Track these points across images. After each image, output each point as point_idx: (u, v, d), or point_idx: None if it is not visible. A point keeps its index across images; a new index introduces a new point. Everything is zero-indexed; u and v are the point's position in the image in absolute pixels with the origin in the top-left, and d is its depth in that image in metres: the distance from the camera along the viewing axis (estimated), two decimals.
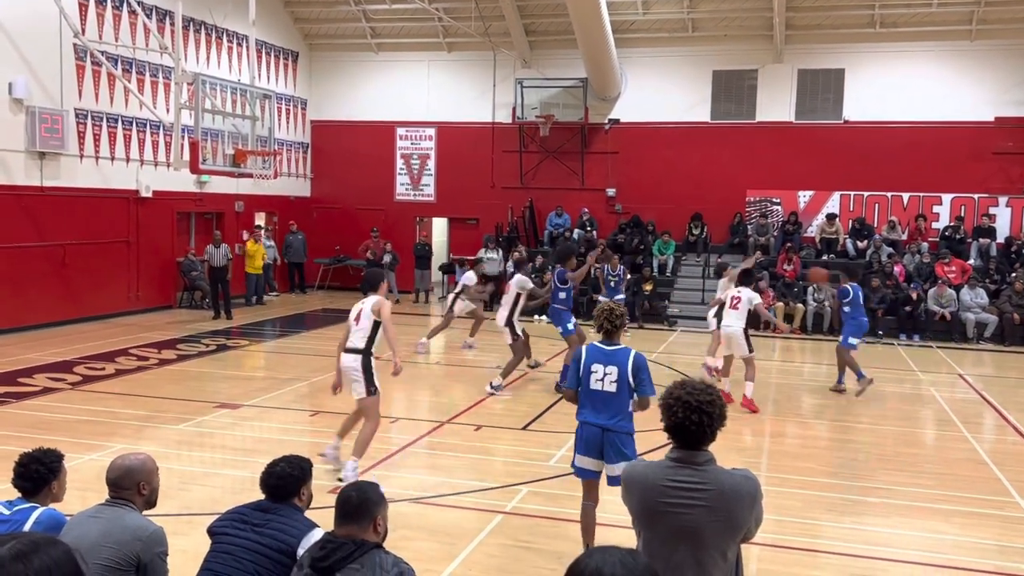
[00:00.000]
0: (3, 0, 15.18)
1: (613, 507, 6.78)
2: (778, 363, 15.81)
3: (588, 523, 6.25)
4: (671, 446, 3.42)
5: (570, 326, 12.09)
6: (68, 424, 9.90)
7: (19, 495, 4.29)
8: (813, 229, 21.63)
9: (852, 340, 12.64)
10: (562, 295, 12.22)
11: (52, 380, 12.14)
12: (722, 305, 12.38)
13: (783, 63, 21.71)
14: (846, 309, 12.80)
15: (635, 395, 6.04)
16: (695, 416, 3.31)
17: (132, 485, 4.12)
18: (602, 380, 6.01)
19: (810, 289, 19.16)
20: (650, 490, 3.34)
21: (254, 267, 20.56)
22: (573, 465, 6.30)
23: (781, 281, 19.67)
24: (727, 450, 9.38)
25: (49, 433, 9.31)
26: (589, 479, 6.19)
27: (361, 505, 3.67)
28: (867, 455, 9.69)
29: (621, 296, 17.11)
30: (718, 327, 12.64)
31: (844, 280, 12.99)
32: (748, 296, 11.76)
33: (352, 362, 8.11)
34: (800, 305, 19.05)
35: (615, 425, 5.99)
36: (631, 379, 5.99)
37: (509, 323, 12.48)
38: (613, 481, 5.98)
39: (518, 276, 13.09)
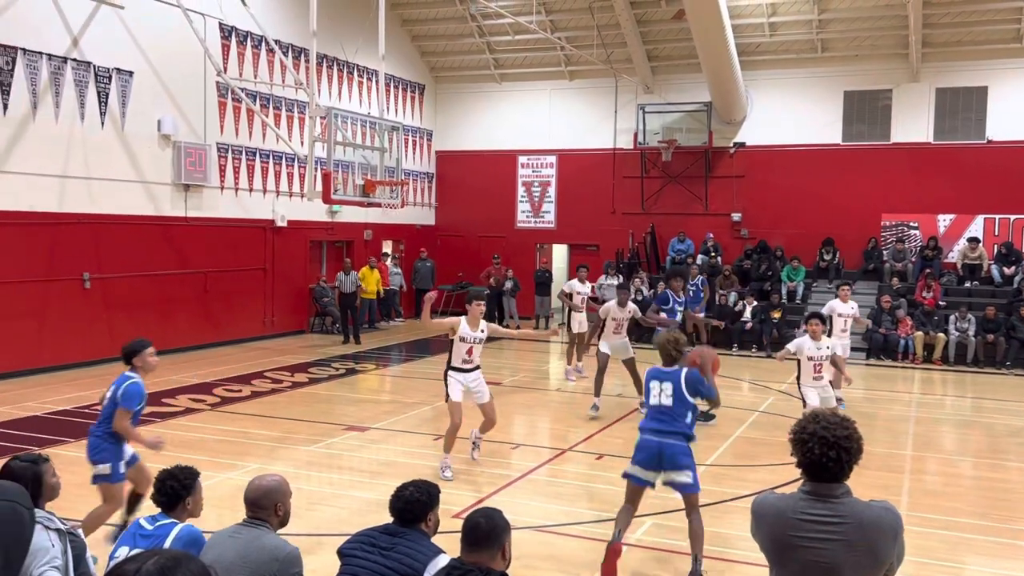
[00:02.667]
0: (153, 43, 16.24)
1: (745, 543, 6.57)
2: (918, 395, 15.00)
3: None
4: (804, 480, 3.26)
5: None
6: (207, 443, 10.35)
7: (160, 510, 4.50)
8: (954, 254, 20.53)
9: None
10: None
11: (193, 401, 12.76)
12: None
13: (920, 82, 20.80)
14: None
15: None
16: (832, 452, 3.13)
17: (269, 506, 4.25)
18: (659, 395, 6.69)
19: (952, 318, 18.15)
20: (782, 524, 3.18)
21: (367, 292, 20.95)
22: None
23: (920, 309, 18.70)
24: (864, 487, 8.90)
25: (190, 452, 9.74)
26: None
27: (491, 532, 3.65)
28: (1019, 495, 9.03)
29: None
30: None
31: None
32: None
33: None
34: (941, 335, 18.05)
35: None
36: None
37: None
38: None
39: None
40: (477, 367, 9.16)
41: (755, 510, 3.34)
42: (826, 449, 3.13)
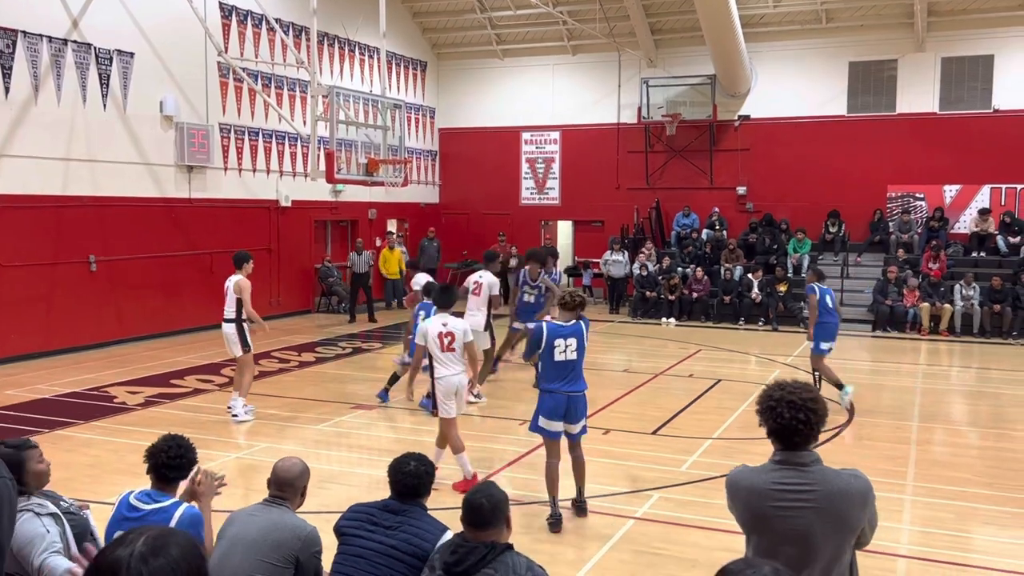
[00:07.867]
0: (153, 24, 16.15)
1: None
2: (924, 366, 15.01)
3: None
4: (775, 449, 3.33)
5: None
6: (215, 424, 10.41)
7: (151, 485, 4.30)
8: (964, 224, 20.43)
9: (823, 345, 11.30)
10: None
11: (201, 381, 12.82)
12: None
13: (925, 51, 20.62)
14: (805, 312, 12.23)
15: None
16: (802, 415, 3.22)
17: (300, 486, 4.38)
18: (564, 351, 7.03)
19: (957, 287, 18.13)
20: (756, 495, 3.26)
21: (390, 272, 21.02)
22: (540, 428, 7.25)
23: (926, 280, 18.66)
24: (872, 458, 8.98)
25: (199, 432, 9.81)
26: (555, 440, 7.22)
27: (494, 510, 3.65)
28: None
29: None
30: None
31: (811, 278, 11.73)
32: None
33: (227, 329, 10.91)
34: (947, 306, 18.02)
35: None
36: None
37: (488, 327, 11.89)
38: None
39: (490, 276, 12.02)
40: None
41: (730, 485, 3.40)
42: (795, 412, 3.21)
